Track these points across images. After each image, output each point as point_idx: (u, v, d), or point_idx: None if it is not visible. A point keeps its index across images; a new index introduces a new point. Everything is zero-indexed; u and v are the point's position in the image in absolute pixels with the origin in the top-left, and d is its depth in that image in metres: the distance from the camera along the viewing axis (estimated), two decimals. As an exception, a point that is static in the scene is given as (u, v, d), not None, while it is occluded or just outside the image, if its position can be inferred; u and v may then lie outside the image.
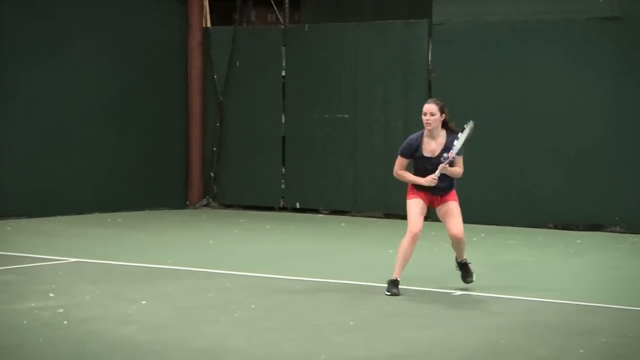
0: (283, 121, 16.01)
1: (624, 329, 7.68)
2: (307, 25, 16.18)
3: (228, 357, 6.76)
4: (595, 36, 13.59)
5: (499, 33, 14.22)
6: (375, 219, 15.09)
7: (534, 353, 6.92)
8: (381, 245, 12.35)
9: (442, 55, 14.65)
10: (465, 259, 9.37)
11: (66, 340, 7.21)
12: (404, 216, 14.82)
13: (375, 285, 9.53)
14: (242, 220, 14.86)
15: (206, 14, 16.48)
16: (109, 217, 14.86)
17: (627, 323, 7.93)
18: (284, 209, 15.97)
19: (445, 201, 9.27)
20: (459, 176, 9.26)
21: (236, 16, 16.64)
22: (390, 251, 11.91)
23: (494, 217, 14.13)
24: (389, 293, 8.98)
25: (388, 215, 15.17)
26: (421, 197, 9.25)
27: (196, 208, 16.39)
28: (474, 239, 12.95)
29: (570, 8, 13.75)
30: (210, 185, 16.50)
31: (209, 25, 16.51)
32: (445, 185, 9.23)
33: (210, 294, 8.98)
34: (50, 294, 8.78)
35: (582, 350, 6.95)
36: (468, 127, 9.21)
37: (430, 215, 14.00)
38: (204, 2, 16.46)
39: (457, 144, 9.07)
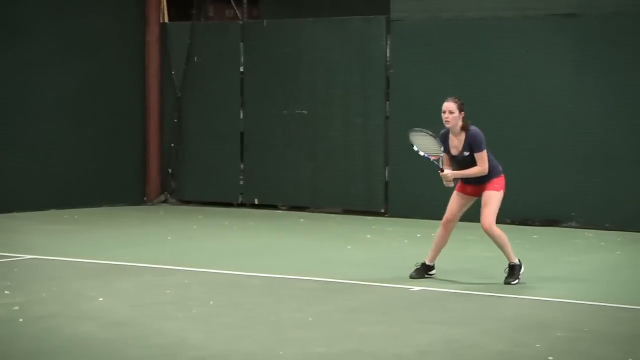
0: (241, 117, 16.00)
1: (578, 323, 7.78)
2: (265, 20, 16.19)
3: (186, 354, 6.77)
4: (553, 32, 13.72)
5: (456, 29, 14.32)
6: (333, 215, 15.13)
7: (490, 347, 7.00)
8: (340, 241, 12.40)
9: (400, 51, 14.72)
10: (513, 262, 9.28)
11: (23, 337, 7.18)
12: (362, 212, 14.98)
13: (334, 281, 9.58)
14: (200, 217, 14.84)
15: (164, 9, 16.42)
16: (65, 213, 14.77)
17: (582, 317, 8.04)
18: (242, 205, 15.97)
19: (485, 190, 9.36)
20: (480, 174, 9.28)
21: (194, 11, 16.60)
22: (348, 247, 11.97)
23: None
24: (412, 276, 9.40)
25: (347, 211, 15.22)
26: (463, 190, 9.45)
27: (154, 204, 16.34)
28: (432, 234, 13.03)
29: (528, 4, 13.88)
30: (168, 181, 16.45)
31: (166, 20, 16.45)
32: (476, 181, 9.33)
33: (168, 291, 8.97)
34: (6, 291, 8.73)
35: (538, 345, 7.04)
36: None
37: (390, 212, 14.12)
38: (162, -4, 16.41)
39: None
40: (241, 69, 15.97)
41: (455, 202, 9.51)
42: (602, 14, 13.44)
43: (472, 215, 14.18)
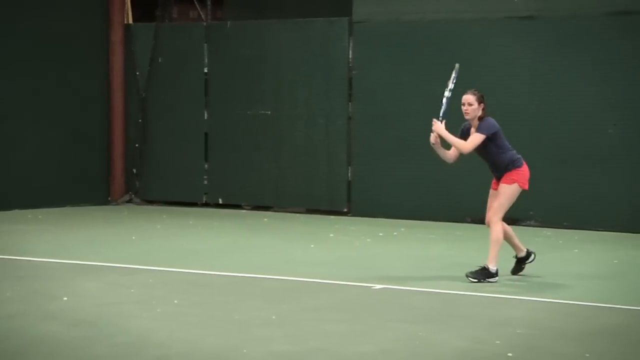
0: (206, 117, 15.95)
1: (538, 320, 7.84)
2: (229, 22, 16.14)
3: (151, 352, 6.74)
4: (512, 34, 13.81)
5: (417, 31, 14.36)
6: (297, 214, 15.13)
7: (452, 344, 7.04)
8: (303, 240, 12.40)
9: (362, 52, 14.75)
10: (488, 265, 9.30)
11: (-13, 337, 7.11)
12: (325, 211, 14.98)
13: (298, 280, 9.58)
14: (164, 216, 14.78)
15: (128, 11, 16.32)
16: (29, 213, 14.64)
17: (541, 315, 8.10)
18: (206, 204, 15.92)
19: (502, 182, 9.38)
20: (459, 149, 9.44)
21: (158, 13, 16.52)
22: (312, 246, 11.98)
23: (415, 212, 14.28)
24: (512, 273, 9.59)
25: (310, 211, 15.23)
26: (493, 187, 9.53)
27: (118, 204, 16.25)
28: (395, 233, 13.08)
29: (488, 7, 13.96)
30: (133, 181, 16.37)
31: (130, 21, 16.36)
32: (496, 167, 9.40)
33: (132, 290, 8.93)
34: (-30, 291, 8.65)
35: (498, 342, 7.08)
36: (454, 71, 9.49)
37: (352, 211, 14.14)
38: (126, -2, 16.33)
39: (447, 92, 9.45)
40: (205, 70, 15.93)
41: (489, 200, 9.56)
42: (560, 17, 13.55)
43: (434, 214, 14.30)
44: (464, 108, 9.43)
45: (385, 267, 10.42)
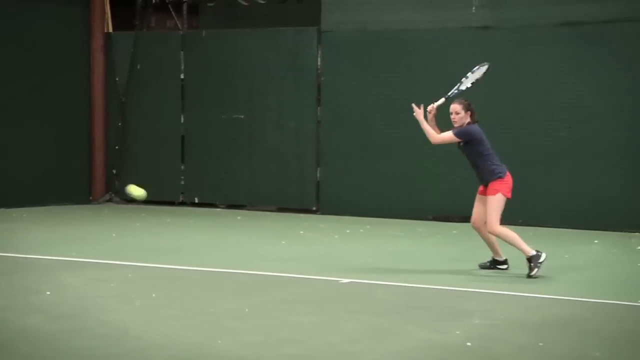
0: (182, 121, 15.89)
1: (495, 311, 7.85)
2: (204, 31, 16.09)
3: (129, 344, 6.68)
4: (470, 44, 13.86)
5: (382, 40, 14.38)
6: (269, 213, 15.10)
7: (414, 335, 7.03)
8: (275, 237, 12.37)
9: (330, 60, 14.75)
10: (529, 254, 9.28)
11: (-28, 330, 7.03)
12: (296, 210, 14.96)
13: (269, 275, 9.55)
14: (143, 215, 14.69)
15: (108, 19, 16.24)
16: (14, 212, 14.50)
17: (498, 306, 8.11)
18: (183, 203, 15.85)
19: (487, 193, 9.44)
20: (428, 138, 9.55)
21: (137, 22, 16.43)
22: (283, 242, 11.95)
23: (380, 210, 14.29)
24: (479, 265, 9.68)
25: (281, 209, 15.21)
26: (479, 192, 9.58)
27: (99, 203, 16.14)
28: (361, 230, 13.08)
29: (447, 18, 14.00)
30: (113, 181, 16.27)
31: (110, 30, 16.27)
32: (478, 173, 9.47)
33: (112, 284, 8.86)
34: (-43, 287, 8.55)
35: (457, 332, 7.08)
36: (477, 69, 9.61)
37: (321, 209, 14.08)
38: (106, 7, 16.22)
39: (465, 81, 9.60)
40: (182, 76, 15.87)
41: (476, 204, 9.62)
42: (515, 27, 13.61)
43: (398, 212, 14.32)
44: (452, 117, 9.51)
45: (352, 262, 10.42)
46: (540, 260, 9.29)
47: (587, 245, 11.76)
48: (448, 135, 9.47)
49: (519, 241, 9.36)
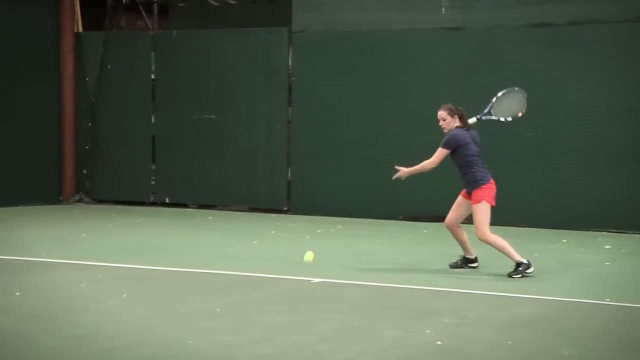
0: (153, 121, 15.84)
1: (464, 310, 7.90)
2: (175, 31, 16.05)
3: (100, 344, 6.66)
4: (440, 44, 13.92)
5: (353, 41, 14.41)
6: (240, 213, 15.09)
7: (385, 334, 7.06)
8: (246, 237, 12.36)
9: (301, 60, 14.76)
10: (518, 260, 9.37)
11: (-59, 331, 6.97)
12: (267, 210, 14.96)
13: (241, 274, 9.55)
14: (114, 215, 14.63)
15: (78, 20, 16.15)
16: (-16, 212, 14.41)
17: (467, 305, 8.16)
18: (154, 203, 15.80)
19: (472, 202, 9.49)
20: (428, 169, 9.68)
21: (107, 22, 16.35)
22: (254, 242, 11.94)
23: (351, 210, 14.32)
24: (450, 265, 9.74)
25: (252, 209, 15.20)
26: (462, 193, 9.63)
27: (69, 204, 16.05)
28: (332, 230, 13.10)
29: (417, 19, 14.05)
30: (83, 181, 16.19)
31: (80, 30, 16.19)
32: (464, 178, 9.53)
33: (83, 285, 8.82)
34: None
35: (428, 331, 7.11)
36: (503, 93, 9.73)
37: (292, 209, 14.05)
38: (76, 8, 16.13)
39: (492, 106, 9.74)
40: (152, 77, 15.82)
41: (454, 206, 9.68)
42: (484, 28, 13.69)
43: (368, 212, 14.35)
44: (440, 124, 9.58)
45: (323, 262, 10.42)
46: (528, 271, 9.40)
47: (555, 244, 11.86)
48: (439, 152, 9.55)
49: (508, 248, 9.45)
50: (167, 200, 15.75)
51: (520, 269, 9.39)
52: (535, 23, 13.37)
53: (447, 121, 9.56)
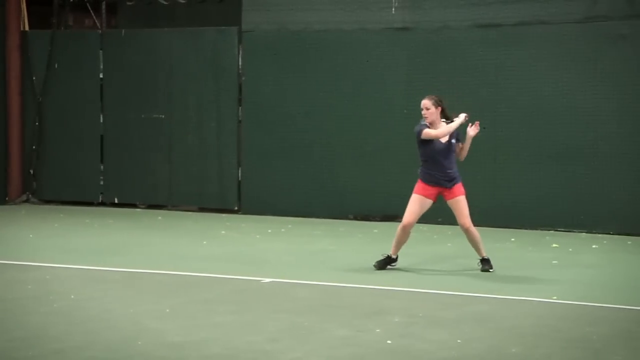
0: (101, 120, 15.71)
1: (414, 309, 7.95)
2: (123, 30, 15.93)
3: (47, 346, 6.60)
4: (388, 44, 13.99)
5: (303, 40, 14.43)
6: (190, 213, 15.03)
7: (334, 333, 7.09)
8: (196, 237, 12.32)
9: (251, 60, 14.74)
10: (486, 257, 9.63)
11: None
12: (217, 210, 14.92)
13: (191, 275, 9.52)
14: (61, 215, 14.49)
15: (24, 18, 15.96)
16: None
17: (416, 304, 8.22)
18: (102, 204, 15.67)
19: (453, 196, 9.63)
20: (461, 158, 9.78)
21: (54, 20, 16.18)
22: (204, 242, 11.91)
23: (301, 209, 14.34)
24: (374, 265, 9.68)
25: (202, 209, 15.15)
26: (425, 194, 9.64)
27: (16, 204, 15.86)
28: (282, 230, 13.11)
29: (367, 19, 14.11)
30: (30, 181, 16.01)
31: (27, 28, 16.00)
32: (452, 175, 9.58)
33: (30, 286, 8.73)
34: None
35: (378, 330, 7.16)
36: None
37: (243, 209, 14.04)
38: (22, 5, 15.94)
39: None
40: (101, 75, 15.69)
41: (414, 206, 9.73)
42: (431, 28, 13.79)
43: (319, 212, 14.38)
44: (423, 113, 9.66)
45: (273, 262, 10.44)
46: (492, 267, 9.65)
47: (504, 243, 11.98)
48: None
49: (481, 243, 9.75)
50: (115, 201, 15.64)
51: (488, 266, 9.67)
52: (483, 23, 13.50)
53: (431, 111, 9.65)
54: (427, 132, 9.63)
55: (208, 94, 15.02)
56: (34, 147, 15.91)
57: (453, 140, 9.70)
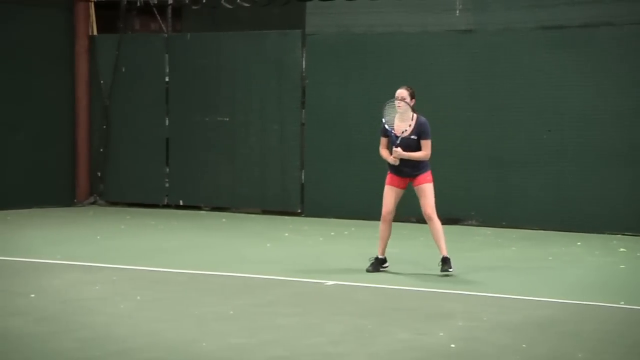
0: (167, 124, 15.86)
1: (478, 313, 7.86)
2: (189, 34, 16.06)
3: (112, 346, 6.65)
4: (452, 46, 13.89)
5: (365, 43, 14.40)
6: (252, 215, 15.08)
7: (397, 336, 7.03)
8: (259, 239, 12.35)
9: (314, 62, 14.75)
10: (446, 255, 9.46)
11: (-45, 333, 6.98)
12: (280, 212, 14.95)
13: (254, 277, 9.54)
14: (128, 217, 14.65)
15: (92, 22, 16.19)
16: (-2, 214, 14.45)
17: (480, 308, 8.12)
18: (167, 206, 15.81)
19: (419, 183, 9.60)
20: (423, 159, 9.56)
21: (121, 24, 16.39)
22: (267, 245, 11.94)
23: (364, 212, 14.28)
24: (368, 270, 9.53)
25: (265, 212, 15.18)
26: (393, 184, 9.61)
27: (84, 205, 16.09)
28: (345, 232, 13.07)
29: (430, 21, 14.03)
30: (97, 184, 16.22)
31: (95, 32, 16.22)
32: (410, 168, 9.49)
33: (97, 287, 8.83)
34: (-60, 289, 8.49)
35: (441, 333, 7.08)
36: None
37: (305, 212, 14.05)
38: (90, 10, 16.17)
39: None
40: (166, 79, 15.84)
41: (389, 197, 9.64)
42: (495, 30, 13.65)
43: (380, 214, 14.29)
44: (396, 103, 9.46)
45: (336, 264, 10.42)
46: (451, 266, 9.45)
47: (569, 247, 11.79)
48: (429, 143, 9.57)
49: (444, 239, 9.56)
50: (180, 203, 15.76)
51: (448, 265, 9.43)
52: (547, 25, 13.32)
53: (407, 101, 9.52)
54: (380, 151, 9.64)
55: (271, 97, 15.06)
56: (101, 149, 16.12)
57: (414, 137, 9.50)
